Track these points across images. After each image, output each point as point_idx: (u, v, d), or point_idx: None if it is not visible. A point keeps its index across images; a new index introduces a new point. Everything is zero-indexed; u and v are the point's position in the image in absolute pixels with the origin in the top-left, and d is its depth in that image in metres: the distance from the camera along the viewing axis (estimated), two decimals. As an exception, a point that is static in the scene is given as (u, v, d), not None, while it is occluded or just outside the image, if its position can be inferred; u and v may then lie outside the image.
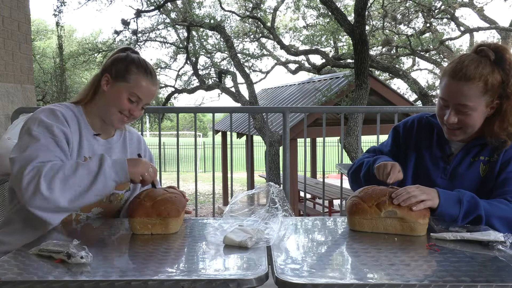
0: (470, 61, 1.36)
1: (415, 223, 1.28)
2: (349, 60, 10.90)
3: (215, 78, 12.75)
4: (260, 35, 12.90)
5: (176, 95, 13.12)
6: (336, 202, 8.07)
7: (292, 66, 14.03)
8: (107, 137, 1.61)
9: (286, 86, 13.37)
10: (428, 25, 10.99)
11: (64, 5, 8.90)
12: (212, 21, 10.67)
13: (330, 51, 12.78)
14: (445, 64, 11.22)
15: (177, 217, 1.34)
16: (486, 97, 1.36)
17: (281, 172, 6.06)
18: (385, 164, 1.48)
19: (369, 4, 8.27)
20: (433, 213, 1.32)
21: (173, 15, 11.87)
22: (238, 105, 10.69)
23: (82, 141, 1.51)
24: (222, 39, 11.70)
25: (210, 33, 12.55)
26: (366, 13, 7.47)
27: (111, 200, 1.57)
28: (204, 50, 13.22)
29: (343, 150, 4.57)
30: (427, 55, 11.34)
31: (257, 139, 14.19)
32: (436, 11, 10.57)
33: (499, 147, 1.44)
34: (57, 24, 9.13)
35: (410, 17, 11.30)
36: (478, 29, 10.64)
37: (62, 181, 1.30)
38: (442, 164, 1.53)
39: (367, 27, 8.18)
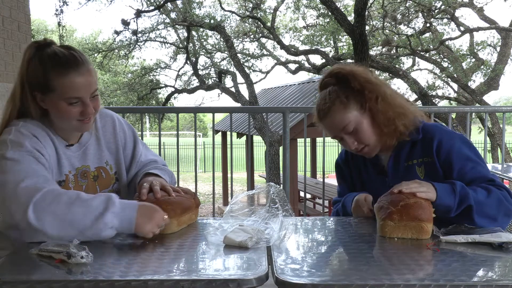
0: (320, 101, 1.51)
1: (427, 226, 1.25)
2: (349, 60, 10.89)
3: (215, 78, 12.77)
4: (260, 35, 12.89)
5: (176, 95, 13.17)
6: (336, 202, 8.05)
7: (292, 66, 14.02)
8: (77, 139, 1.49)
9: (286, 86, 13.38)
10: (428, 25, 10.98)
11: (66, 5, 8.88)
12: (212, 21, 10.67)
13: (330, 51, 12.76)
14: (445, 64, 11.25)
15: (173, 217, 1.30)
16: (351, 108, 1.46)
17: (281, 172, 6.05)
18: (357, 205, 1.52)
19: (369, 4, 8.26)
20: (432, 204, 1.32)
21: (173, 15, 11.88)
22: (238, 105, 10.70)
23: (59, 156, 1.41)
24: (222, 39, 11.71)
25: (210, 33, 12.57)
26: (366, 13, 7.47)
27: None
28: (204, 50, 13.24)
29: (343, 150, 4.56)
30: (427, 55, 11.33)
31: (257, 139, 14.19)
32: (436, 11, 10.56)
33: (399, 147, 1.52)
34: (59, 24, 9.11)
35: (410, 17, 11.28)
36: (478, 29, 10.64)
37: (54, 218, 1.16)
38: (380, 178, 1.57)
39: (367, 27, 8.18)
